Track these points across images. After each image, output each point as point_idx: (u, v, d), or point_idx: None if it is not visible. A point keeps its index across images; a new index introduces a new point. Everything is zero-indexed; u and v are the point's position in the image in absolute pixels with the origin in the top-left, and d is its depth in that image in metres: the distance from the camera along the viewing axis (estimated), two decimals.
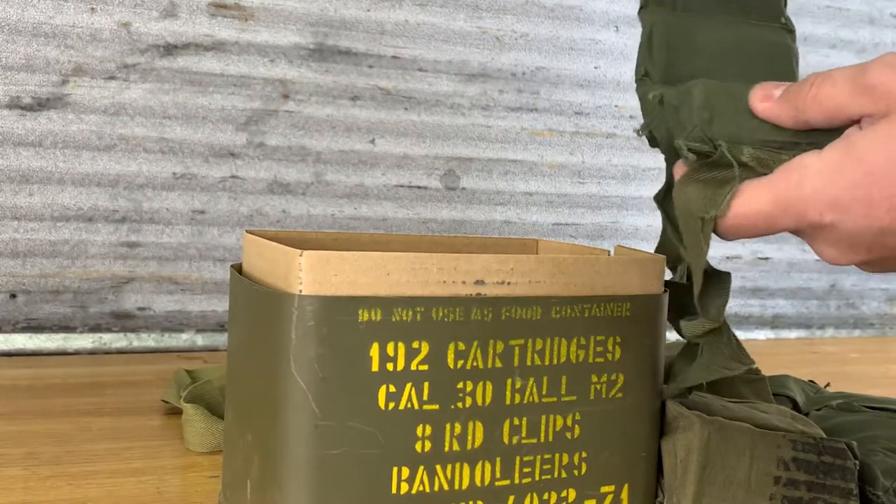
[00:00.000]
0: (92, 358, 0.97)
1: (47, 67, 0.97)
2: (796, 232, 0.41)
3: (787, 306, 1.37)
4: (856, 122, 0.38)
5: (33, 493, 0.57)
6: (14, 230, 0.98)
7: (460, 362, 0.47)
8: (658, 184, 0.59)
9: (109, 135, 1.00)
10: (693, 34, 0.54)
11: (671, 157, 0.49)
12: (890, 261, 0.39)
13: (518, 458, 0.50)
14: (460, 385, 0.47)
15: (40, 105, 0.97)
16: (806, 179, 0.38)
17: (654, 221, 1.26)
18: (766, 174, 0.40)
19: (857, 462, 0.53)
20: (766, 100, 0.42)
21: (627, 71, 1.23)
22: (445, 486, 0.48)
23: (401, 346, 0.46)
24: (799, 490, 0.52)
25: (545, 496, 0.51)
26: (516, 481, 0.50)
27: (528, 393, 0.49)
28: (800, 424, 0.55)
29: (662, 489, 0.54)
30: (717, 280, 0.52)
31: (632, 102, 1.23)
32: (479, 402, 0.48)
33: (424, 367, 0.46)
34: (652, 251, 0.59)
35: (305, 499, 0.45)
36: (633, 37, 1.22)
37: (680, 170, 0.45)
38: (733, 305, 1.32)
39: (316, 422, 0.45)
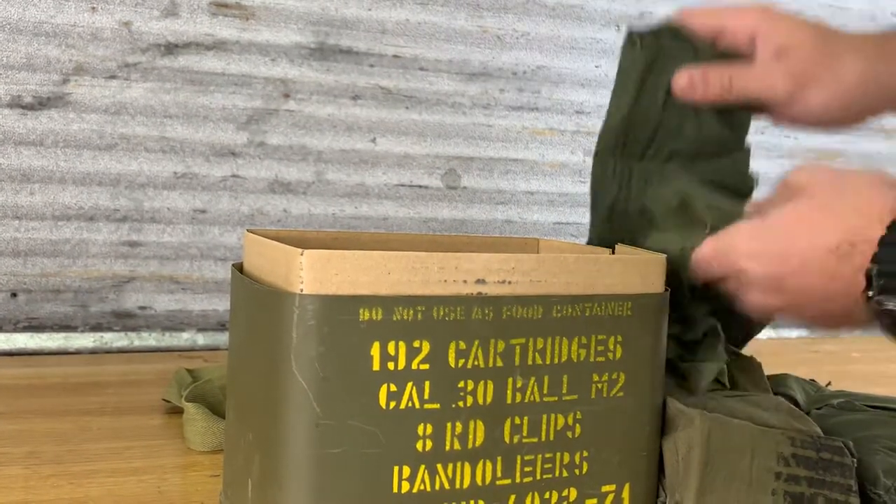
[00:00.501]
0: (93, 357, 0.97)
1: (48, 66, 0.97)
2: (728, 280, 0.55)
3: None
4: None
5: (34, 492, 0.57)
6: (15, 229, 0.98)
7: (461, 361, 0.47)
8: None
9: (110, 134, 1.00)
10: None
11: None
12: (802, 308, 0.52)
13: (519, 458, 0.49)
14: (461, 384, 0.47)
15: (41, 104, 0.97)
16: (736, 237, 0.53)
17: None
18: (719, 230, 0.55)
19: (855, 459, 0.53)
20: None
21: None
22: (446, 485, 0.48)
23: (402, 345, 0.46)
24: (800, 486, 0.52)
25: (546, 495, 0.50)
26: (517, 480, 0.50)
27: (529, 392, 0.49)
28: (797, 423, 0.55)
29: (664, 488, 0.54)
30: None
31: None
32: (480, 401, 0.48)
33: (425, 367, 0.46)
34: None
35: (306, 498, 0.45)
36: None
37: None
38: None
39: (317, 421, 0.45)
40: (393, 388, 0.46)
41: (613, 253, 0.59)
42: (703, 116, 0.64)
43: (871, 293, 0.48)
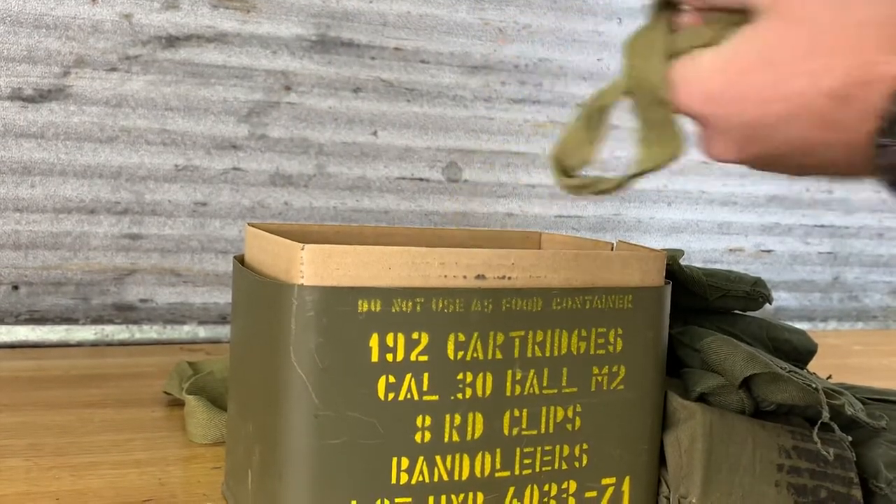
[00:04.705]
0: (94, 350, 0.97)
1: (49, 59, 0.97)
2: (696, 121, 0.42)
3: (790, 299, 1.37)
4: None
5: (36, 484, 0.57)
6: (16, 222, 0.98)
7: (460, 353, 0.47)
8: (660, 176, 0.60)
9: (111, 126, 1.00)
10: None
11: None
12: (782, 161, 0.41)
13: (518, 450, 0.49)
14: (460, 376, 0.47)
15: (42, 97, 0.97)
16: (695, 72, 0.40)
17: (656, 214, 1.26)
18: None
19: (853, 452, 0.54)
20: None
21: None
22: (445, 477, 0.48)
23: (400, 336, 0.46)
24: (802, 477, 0.52)
25: (545, 488, 0.51)
26: (516, 472, 0.50)
27: (528, 384, 0.49)
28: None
29: (667, 483, 0.54)
30: None
31: None
32: (480, 393, 0.48)
33: (424, 358, 0.46)
34: (654, 244, 0.59)
35: (305, 489, 0.45)
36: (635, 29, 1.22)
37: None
38: None
39: (316, 412, 0.45)
40: (392, 379, 0.46)
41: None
42: None
43: (884, 141, 0.35)
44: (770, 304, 0.68)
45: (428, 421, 0.47)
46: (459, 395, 0.47)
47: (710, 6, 0.41)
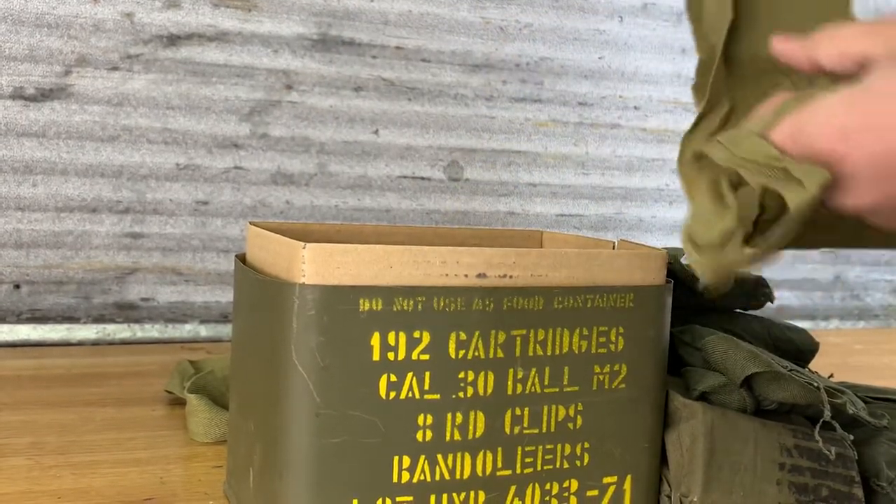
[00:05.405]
0: (96, 348, 0.97)
1: (50, 58, 0.97)
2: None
3: (792, 297, 1.37)
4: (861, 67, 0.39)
5: (37, 483, 0.57)
6: (18, 221, 0.98)
7: (462, 352, 0.47)
8: (661, 175, 0.60)
9: (113, 125, 1.00)
10: None
11: None
12: None
13: (520, 448, 0.49)
14: (462, 375, 0.47)
15: (44, 96, 0.97)
16: (819, 111, 0.38)
17: (657, 212, 1.26)
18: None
19: (855, 451, 0.54)
20: (785, 41, 0.43)
21: (631, 61, 1.22)
22: (447, 476, 0.48)
23: (402, 335, 0.46)
24: (804, 476, 0.52)
25: (547, 486, 0.51)
26: (518, 471, 0.50)
27: (529, 383, 0.49)
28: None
29: (669, 482, 0.54)
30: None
31: (636, 93, 1.23)
32: (481, 391, 0.48)
33: (426, 357, 0.46)
34: (656, 243, 0.59)
35: (306, 487, 0.45)
36: (636, 27, 1.22)
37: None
38: None
39: (317, 410, 0.45)
40: (393, 378, 0.46)
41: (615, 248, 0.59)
42: None
43: None
44: (772, 302, 0.67)
45: (429, 420, 0.47)
46: (461, 394, 0.47)
47: (818, 68, 0.41)
